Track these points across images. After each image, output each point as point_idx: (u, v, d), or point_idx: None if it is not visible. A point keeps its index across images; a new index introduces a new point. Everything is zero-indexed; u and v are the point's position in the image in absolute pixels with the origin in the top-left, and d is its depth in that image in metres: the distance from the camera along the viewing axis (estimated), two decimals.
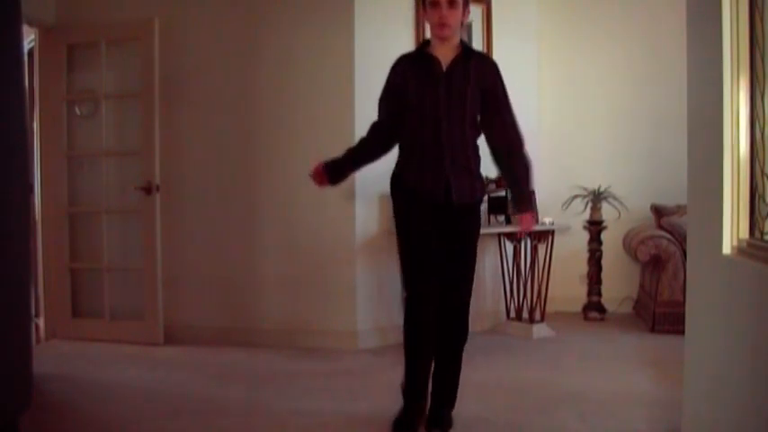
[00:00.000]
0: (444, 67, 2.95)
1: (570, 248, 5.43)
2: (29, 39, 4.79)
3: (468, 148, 3.00)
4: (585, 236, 5.33)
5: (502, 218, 4.79)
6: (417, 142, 2.99)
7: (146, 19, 4.56)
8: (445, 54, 2.97)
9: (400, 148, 3.09)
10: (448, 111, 2.93)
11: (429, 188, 2.95)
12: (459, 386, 3.10)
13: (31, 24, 4.65)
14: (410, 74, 3.00)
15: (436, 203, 2.96)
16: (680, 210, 5.07)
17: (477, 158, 3.06)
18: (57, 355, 4.40)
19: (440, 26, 2.92)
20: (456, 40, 2.99)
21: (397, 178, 3.06)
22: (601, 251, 5.31)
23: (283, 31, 4.56)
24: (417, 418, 2.98)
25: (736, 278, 2.04)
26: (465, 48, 3.02)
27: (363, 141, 3.14)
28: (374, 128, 3.13)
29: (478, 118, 3.04)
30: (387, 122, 3.08)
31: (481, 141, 3.08)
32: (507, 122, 3.03)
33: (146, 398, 3.50)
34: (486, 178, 4.58)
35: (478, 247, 3.15)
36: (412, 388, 3.00)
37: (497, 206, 4.77)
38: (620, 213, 5.16)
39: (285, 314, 4.61)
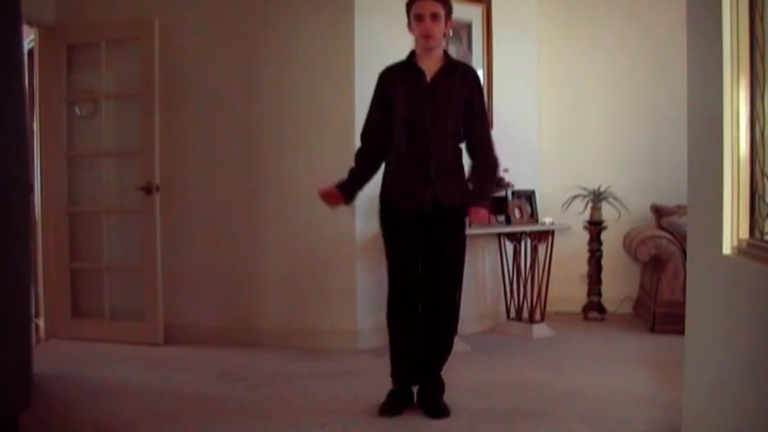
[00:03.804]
0: (429, 80, 3.13)
1: (570, 248, 5.43)
2: (29, 39, 4.79)
3: (452, 155, 3.20)
4: (585, 236, 5.33)
5: (502, 218, 4.78)
6: (406, 154, 3.16)
7: (146, 19, 4.56)
8: (430, 66, 3.16)
9: (387, 161, 3.26)
10: (434, 122, 3.12)
11: (418, 198, 3.12)
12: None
13: (31, 24, 4.65)
14: (398, 85, 3.19)
15: (424, 213, 3.13)
16: (680, 210, 5.07)
17: (461, 163, 3.26)
18: (57, 355, 4.40)
19: (425, 38, 3.11)
20: (439, 52, 3.20)
21: (386, 195, 3.23)
22: (601, 251, 5.31)
23: (283, 32, 4.56)
24: (402, 403, 3.18)
25: (736, 278, 2.04)
26: (449, 60, 3.21)
27: (361, 155, 3.32)
28: (365, 138, 3.31)
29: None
30: (377, 131, 3.25)
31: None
32: (482, 131, 3.24)
33: (146, 398, 3.50)
34: None
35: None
36: (397, 374, 3.23)
37: (497, 206, 4.76)
38: (620, 213, 5.16)
39: (285, 314, 4.60)
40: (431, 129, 3.11)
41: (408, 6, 3.18)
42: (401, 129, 3.17)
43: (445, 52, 3.23)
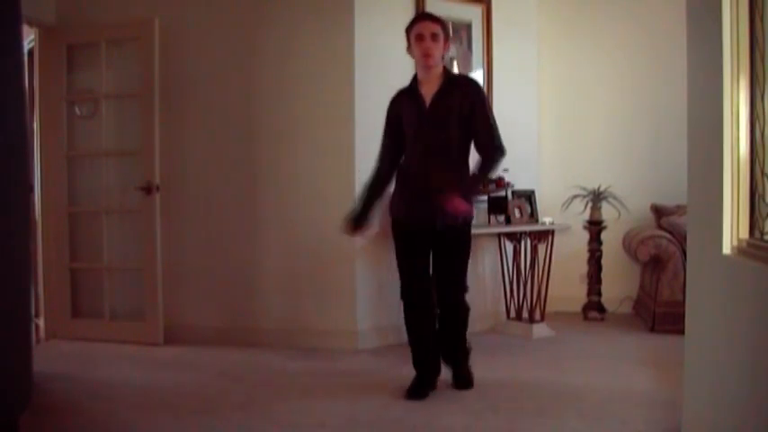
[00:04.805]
0: (428, 104, 3.34)
1: (570, 248, 5.43)
2: (29, 39, 4.79)
3: (453, 175, 3.33)
4: (585, 236, 5.33)
5: (502, 218, 4.79)
6: (408, 173, 3.41)
7: (146, 19, 4.56)
8: (429, 89, 3.36)
9: (396, 176, 3.49)
10: (434, 144, 3.33)
11: (417, 216, 3.36)
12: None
13: (31, 24, 4.65)
14: (403, 109, 3.43)
15: (426, 228, 3.36)
16: (680, 210, 5.07)
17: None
18: (57, 355, 4.40)
19: (425, 56, 3.32)
20: (439, 70, 3.38)
21: (395, 209, 3.46)
22: (601, 251, 5.31)
23: (283, 31, 4.56)
24: (427, 386, 3.41)
25: (736, 278, 2.04)
26: (447, 78, 3.39)
27: (378, 169, 3.51)
28: (378, 161, 3.51)
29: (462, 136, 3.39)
30: (392, 146, 3.48)
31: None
32: (483, 131, 3.34)
33: (146, 398, 3.50)
34: None
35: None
36: (419, 362, 3.46)
37: (497, 206, 4.77)
38: (619, 213, 5.16)
39: (285, 314, 4.61)
40: (431, 151, 3.33)
41: (408, 30, 3.39)
42: (407, 149, 3.43)
43: (445, 69, 3.42)
